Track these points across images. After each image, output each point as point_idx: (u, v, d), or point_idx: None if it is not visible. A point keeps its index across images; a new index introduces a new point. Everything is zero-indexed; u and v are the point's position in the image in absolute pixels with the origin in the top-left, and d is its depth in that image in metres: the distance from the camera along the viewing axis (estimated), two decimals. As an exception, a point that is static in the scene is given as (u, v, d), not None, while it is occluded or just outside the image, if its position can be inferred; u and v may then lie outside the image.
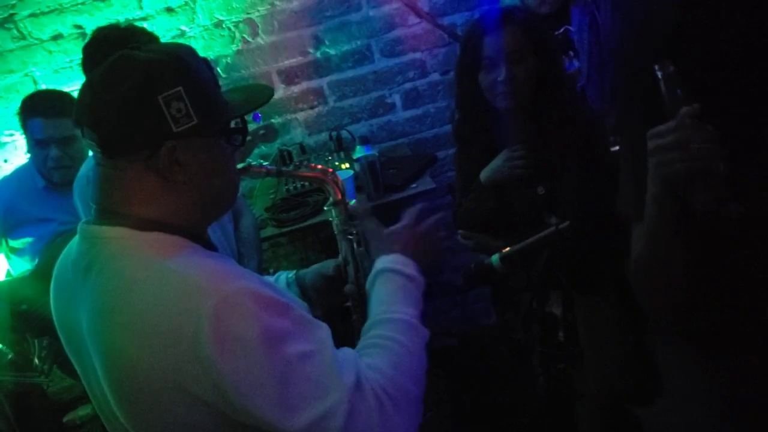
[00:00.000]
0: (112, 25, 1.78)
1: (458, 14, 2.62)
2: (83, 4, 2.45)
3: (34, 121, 2.04)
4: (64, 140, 2.05)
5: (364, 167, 2.24)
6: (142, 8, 2.48)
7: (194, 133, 0.84)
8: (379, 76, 2.69)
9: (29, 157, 2.15)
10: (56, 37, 2.48)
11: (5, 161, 2.58)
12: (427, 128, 2.80)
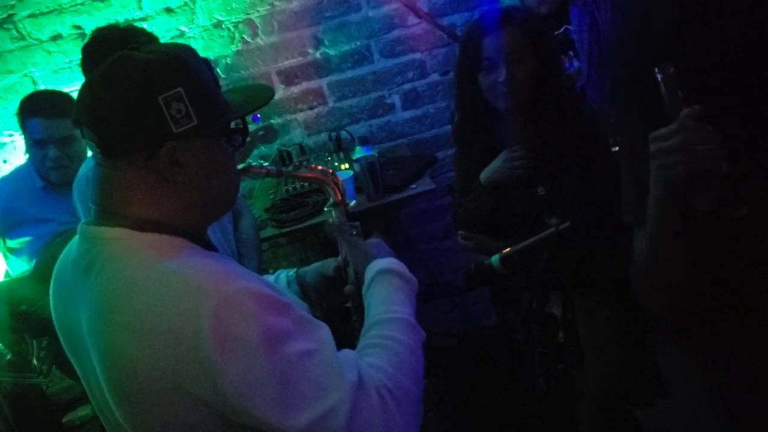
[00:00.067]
0: (111, 25, 1.78)
1: (458, 14, 2.62)
2: (82, 4, 2.44)
3: (33, 121, 2.03)
4: (62, 140, 2.04)
5: (363, 168, 2.23)
6: (141, 9, 2.48)
7: (194, 133, 0.84)
8: (378, 76, 2.69)
9: (28, 157, 2.15)
10: (55, 37, 2.48)
11: (4, 161, 2.58)
12: (426, 129, 2.80)
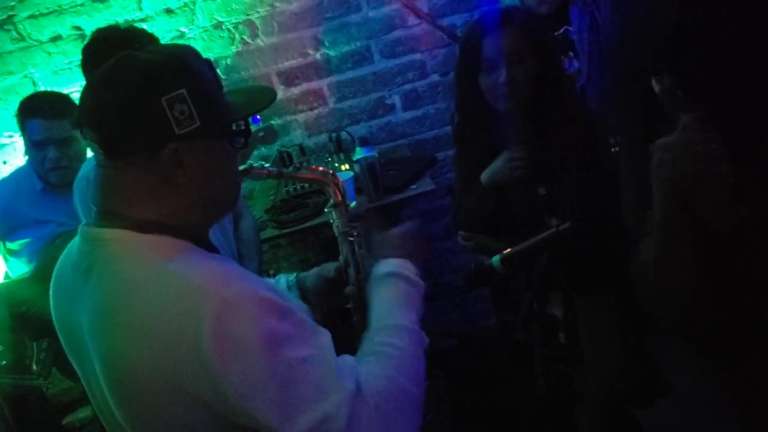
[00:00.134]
0: (111, 26, 1.77)
1: (458, 15, 2.61)
2: (82, 5, 2.44)
3: (32, 122, 2.03)
4: (62, 141, 2.04)
5: (363, 168, 2.23)
6: (141, 9, 2.48)
7: (197, 135, 0.84)
8: (378, 77, 2.69)
9: (27, 158, 2.15)
10: (55, 38, 2.48)
11: (4, 163, 2.58)
12: (426, 129, 2.80)
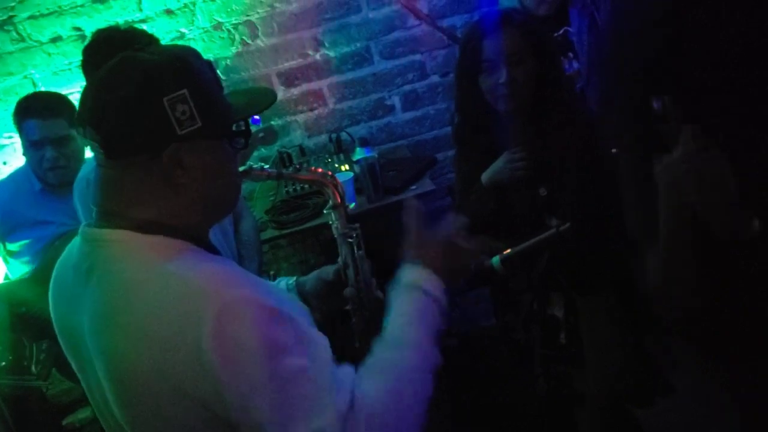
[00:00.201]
0: (112, 27, 1.77)
1: (458, 16, 2.61)
2: (82, 6, 2.44)
3: (29, 122, 2.04)
4: (59, 140, 2.05)
5: (363, 169, 2.23)
6: (141, 10, 2.47)
7: (198, 135, 0.84)
8: (378, 78, 2.69)
9: (25, 159, 2.15)
10: (55, 39, 2.48)
11: (4, 163, 2.58)
12: (426, 130, 2.80)
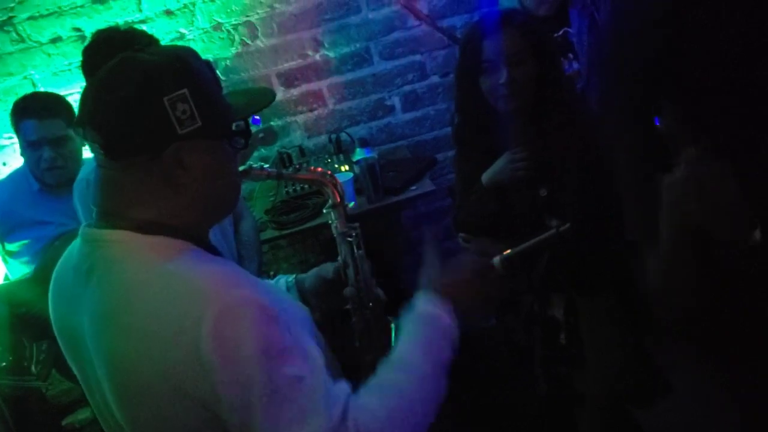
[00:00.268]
0: (112, 27, 1.77)
1: (457, 17, 2.62)
2: (82, 7, 2.44)
3: (26, 122, 2.04)
4: (56, 141, 2.05)
5: (363, 170, 2.23)
6: (141, 11, 2.48)
7: (198, 135, 0.84)
8: (378, 78, 2.69)
9: (23, 160, 2.16)
10: (55, 39, 2.48)
11: (4, 164, 2.58)
12: (426, 131, 2.80)
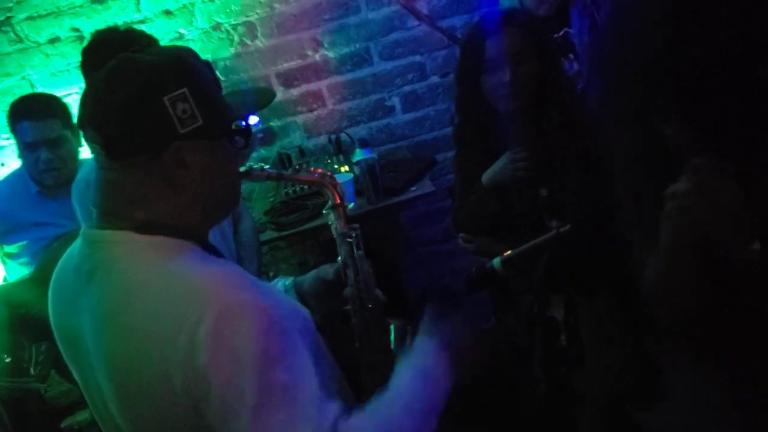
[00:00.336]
0: (111, 28, 1.79)
1: (457, 17, 2.61)
2: (81, 7, 2.44)
3: (22, 124, 2.04)
4: (53, 142, 2.05)
5: (363, 170, 2.23)
6: (140, 11, 2.47)
7: (199, 134, 0.84)
8: (378, 78, 2.69)
9: (21, 162, 2.16)
10: (53, 40, 2.47)
11: (2, 165, 2.57)
12: (426, 131, 2.79)
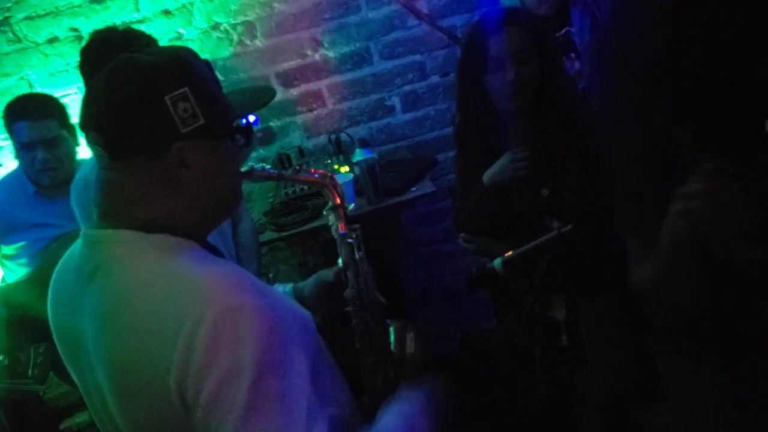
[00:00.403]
0: (109, 28, 1.78)
1: (457, 16, 2.61)
2: (79, 6, 2.43)
3: (18, 124, 2.04)
4: (49, 142, 2.05)
5: (363, 170, 2.22)
6: (138, 11, 2.46)
7: (201, 133, 0.85)
8: (378, 78, 2.68)
9: (18, 163, 2.15)
10: (52, 40, 2.47)
11: (0, 165, 2.57)
12: (426, 131, 2.78)
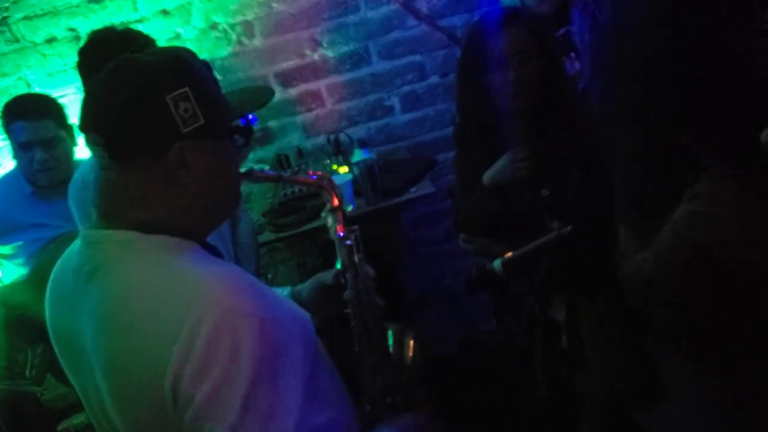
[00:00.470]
0: (108, 28, 1.77)
1: (457, 16, 2.60)
2: (77, 6, 2.43)
3: (16, 124, 2.04)
4: (47, 142, 2.05)
5: (362, 171, 2.21)
6: (137, 10, 2.46)
7: (201, 134, 0.85)
8: (377, 78, 2.67)
9: (15, 163, 2.15)
10: (50, 40, 2.46)
11: (-1, 165, 2.57)
12: (426, 131, 2.78)
